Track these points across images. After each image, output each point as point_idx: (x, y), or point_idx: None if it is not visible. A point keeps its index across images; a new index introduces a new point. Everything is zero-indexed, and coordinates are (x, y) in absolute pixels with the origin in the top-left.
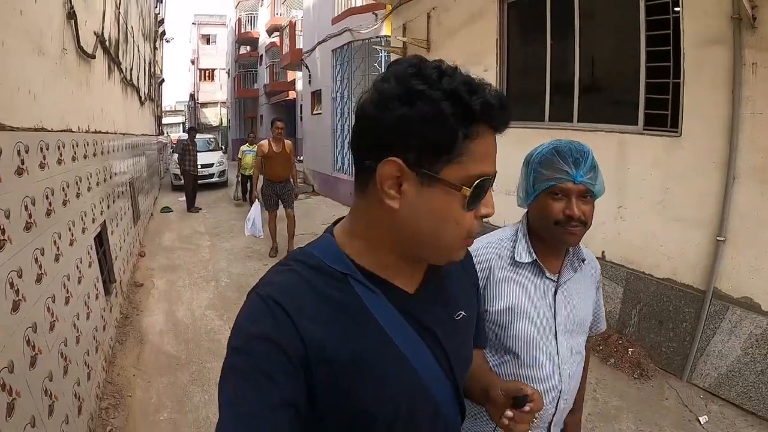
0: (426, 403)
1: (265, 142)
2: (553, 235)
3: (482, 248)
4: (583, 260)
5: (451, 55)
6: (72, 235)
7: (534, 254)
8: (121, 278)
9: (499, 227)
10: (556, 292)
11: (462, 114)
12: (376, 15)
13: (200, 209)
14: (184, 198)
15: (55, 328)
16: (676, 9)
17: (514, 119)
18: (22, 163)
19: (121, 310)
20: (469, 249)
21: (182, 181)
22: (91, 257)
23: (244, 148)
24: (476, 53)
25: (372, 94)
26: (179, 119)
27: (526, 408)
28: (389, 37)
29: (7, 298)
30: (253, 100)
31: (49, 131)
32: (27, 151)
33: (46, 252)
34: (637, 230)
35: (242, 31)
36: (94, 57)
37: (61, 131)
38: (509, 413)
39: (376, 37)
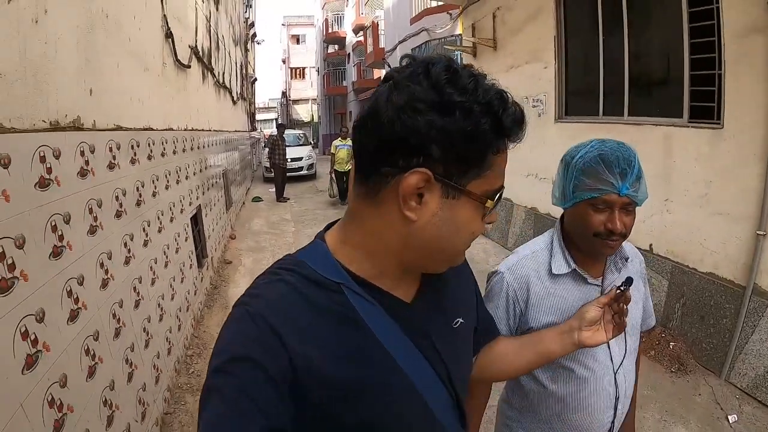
0: (423, 418)
1: None
2: (590, 246)
3: (517, 264)
4: (627, 258)
5: (514, 53)
6: (172, 213)
7: (572, 263)
8: (212, 255)
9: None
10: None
11: (497, 129)
12: (450, 14)
13: (288, 199)
14: (274, 189)
15: (155, 283)
16: None
17: (573, 114)
18: (135, 155)
19: (211, 281)
20: (503, 267)
21: (273, 174)
22: (187, 233)
23: (336, 143)
24: (537, 50)
25: (397, 95)
26: (272, 115)
27: (630, 291)
28: (462, 35)
29: (121, 254)
30: (342, 96)
31: (154, 130)
32: (138, 146)
33: (151, 224)
34: (682, 224)
35: (329, 31)
36: (189, 67)
37: (164, 130)
38: (629, 294)
39: (451, 36)
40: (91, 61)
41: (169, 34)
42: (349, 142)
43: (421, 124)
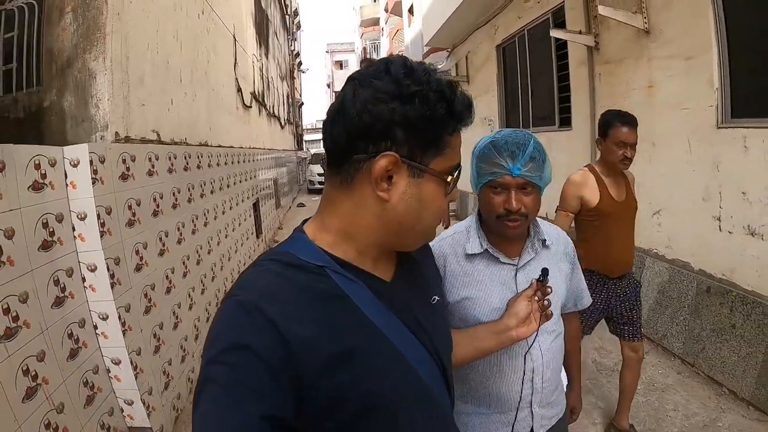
0: (417, 387)
1: None
2: (497, 228)
3: (437, 242)
4: (544, 241)
5: (479, 85)
6: (244, 197)
7: (485, 244)
8: (266, 234)
9: None
10: (516, 274)
11: (451, 112)
12: (449, 52)
13: None
14: (317, 197)
15: (235, 230)
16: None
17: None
18: (225, 162)
19: (263, 251)
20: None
21: (315, 186)
22: (249, 213)
23: None
24: (489, 83)
25: (363, 90)
26: (319, 136)
27: (548, 280)
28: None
29: (207, 215)
30: None
31: (234, 147)
32: (227, 156)
33: (234, 199)
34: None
35: (367, 58)
36: (250, 107)
37: (239, 147)
38: (548, 290)
39: (447, 70)
40: (210, 114)
41: (239, 89)
42: None
43: (385, 111)
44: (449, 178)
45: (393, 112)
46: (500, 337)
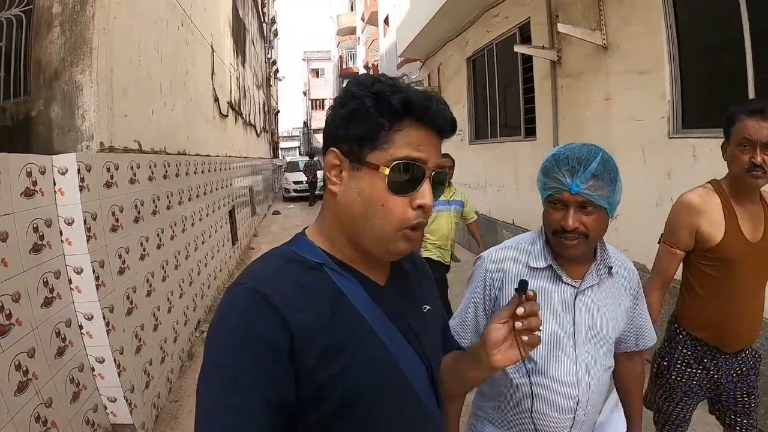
0: (403, 388)
1: None
2: (554, 244)
3: (498, 252)
4: (610, 268)
5: (450, 95)
6: (220, 204)
7: (549, 259)
8: (241, 241)
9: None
10: (576, 297)
11: (386, 109)
12: (422, 63)
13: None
14: (293, 205)
15: (212, 236)
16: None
17: (478, 138)
18: (203, 170)
19: (239, 257)
20: (486, 253)
21: (290, 194)
22: (225, 221)
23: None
24: (459, 94)
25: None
26: (295, 143)
27: (530, 292)
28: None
29: (185, 222)
30: None
31: (211, 156)
32: (204, 164)
33: (210, 206)
34: (526, 199)
35: (344, 67)
36: (227, 115)
37: (215, 156)
38: (521, 309)
39: (420, 80)
40: (188, 123)
41: (216, 99)
42: (461, 195)
43: (330, 116)
44: (383, 169)
45: (335, 114)
46: (479, 364)
